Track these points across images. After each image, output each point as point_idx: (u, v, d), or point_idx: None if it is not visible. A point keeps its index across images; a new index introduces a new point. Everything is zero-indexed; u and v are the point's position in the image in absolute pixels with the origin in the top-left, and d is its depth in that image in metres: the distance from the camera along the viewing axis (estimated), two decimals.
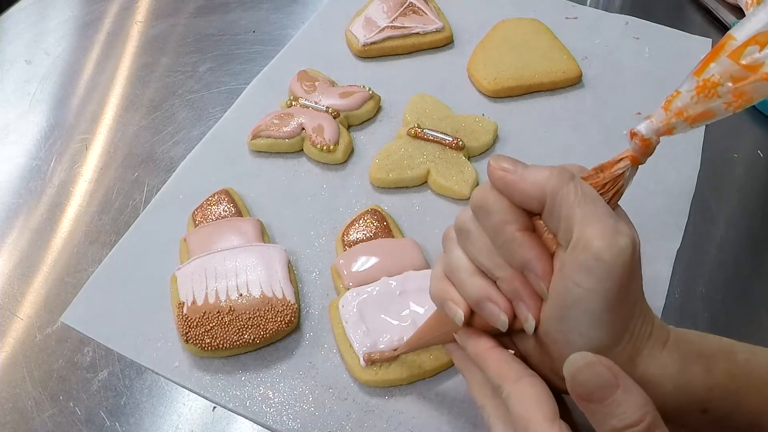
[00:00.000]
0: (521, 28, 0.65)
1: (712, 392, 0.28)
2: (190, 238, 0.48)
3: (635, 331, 0.28)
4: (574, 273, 0.26)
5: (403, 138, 0.55)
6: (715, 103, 0.25)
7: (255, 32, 0.69)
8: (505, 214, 0.28)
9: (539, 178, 0.28)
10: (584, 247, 0.26)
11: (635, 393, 0.24)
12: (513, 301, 0.29)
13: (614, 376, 0.24)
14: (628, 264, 0.26)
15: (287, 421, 0.41)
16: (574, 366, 0.25)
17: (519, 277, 0.29)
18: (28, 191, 0.55)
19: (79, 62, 0.66)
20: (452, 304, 0.31)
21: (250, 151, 0.56)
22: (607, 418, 0.24)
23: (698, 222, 0.51)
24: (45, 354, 0.44)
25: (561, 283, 0.27)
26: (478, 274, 0.30)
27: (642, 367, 0.28)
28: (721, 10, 0.69)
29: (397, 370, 0.41)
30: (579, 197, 0.27)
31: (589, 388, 0.24)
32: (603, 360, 0.25)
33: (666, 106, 0.27)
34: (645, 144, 0.27)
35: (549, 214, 0.28)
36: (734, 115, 0.26)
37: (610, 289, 0.26)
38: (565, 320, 0.27)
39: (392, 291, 0.44)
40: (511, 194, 0.28)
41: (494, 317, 0.29)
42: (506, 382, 0.29)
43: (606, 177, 0.28)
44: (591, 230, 0.26)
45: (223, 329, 0.43)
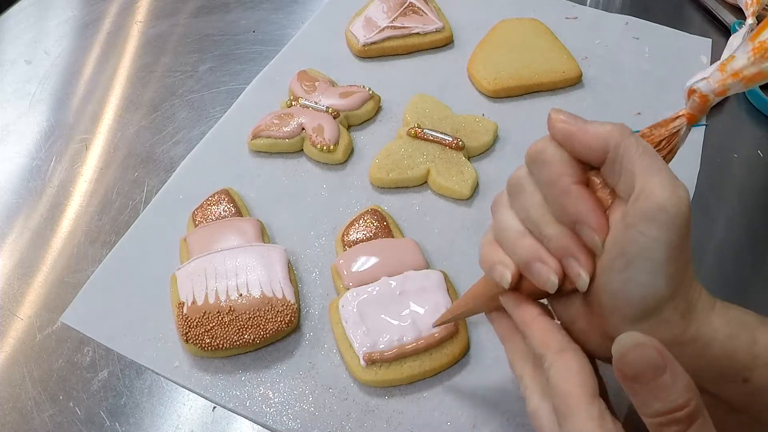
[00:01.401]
0: (521, 28, 0.65)
1: (757, 361, 0.28)
2: (190, 238, 0.48)
3: (688, 289, 0.28)
4: (639, 222, 0.26)
5: (403, 138, 0.55)
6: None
7: (255, 32, 0.69)
8: (562, 165, 0.29)
9: (601, 130, 0.28)
10: (648, 196, 0.26)
11: (682, 378, 0.24)
12: (563, 260, 0.29)
13: (663, 359, 0.24)
14: (687, 215, 0.26)
15: (287, 421, 0.41)
16: (623, 345, 0.25)
17: (570, 234, 0.29)
18: (28, 191, 0.55)
19: (79, 62, 0.66)
20: (500, 266, 0.31)
21: (250, 151, 0.56)
22: (652, 401, 0.24)
23: (698, 222, 0.51)
24: (45, 354, 0.44)
25: (623, 232, 0.27)
26: (528, 235, 0.30)
27: (694, 326, 0.28)
28: (721, 10, 0.69)
29: (397, 370, 0.41)
30: (640, 150, 0.27)
31: (637, 368, 0.24)
32: (653, 341, 0.25)
33: (722, 68, 0.28)
34: (703, 101, 0.28)
35: (610, 166, 0.28)
36: (734, 115, 0.26)
37: (672, 239, 0.26)
38: (626, 270, 0.27)
39: (392, 291, 0.44)
40: (572, 145, 0.29)
41: (543, 278, 0.29)
42: (549, 352, 0.29)
43: (663, 134, 0.29)
44: (654, 181, 0.26)
45: (223, 329, 0.43)
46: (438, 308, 0.43)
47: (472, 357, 0.43)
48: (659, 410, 0.24)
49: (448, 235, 0.50)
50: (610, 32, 0.67)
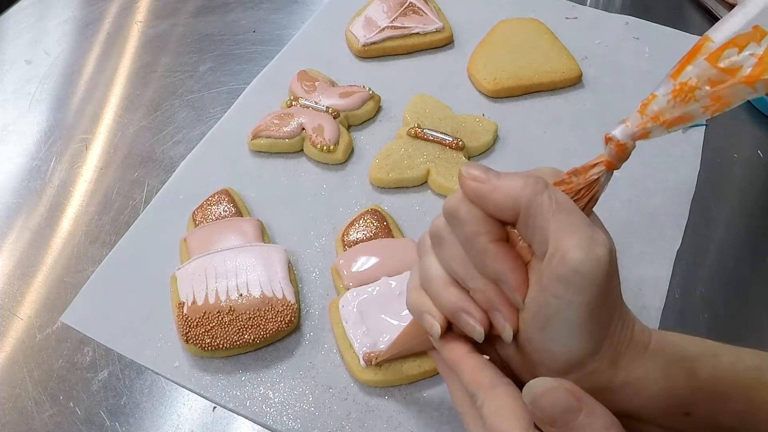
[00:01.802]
0: (521, 28, 0.65)
1: (696, 395, 0.27)
2: (190, 238, 0.48)
3: (615, 336, 0.27)
4: (552, 285, 0.25)
5: (403, 138, 0.55)
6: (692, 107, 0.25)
7: (255, 32, 0.69)
8: (477, 224, 0.28)
9: (512, 189, 0.26)
10: (561, 259, 0.25)
11: (600, 415, 0.24)
12: (489, 312, 0.29)
13: (577, 400, 0.24)
14: (605, 273, 0.25)
15: (287, 421, 0.41)
16: (534, 392, 0.24)
17: (493, 288, 0.28)
18: (28, 191, 0.55)
19: (79, 62, 0.66)
20: (428, 317, 0.30)
21: (250, 151, 0.56)
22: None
23: (698, 222, 0.51)
24: (45, 354, 0.44)
25: (539, 294, 0.26)
26: (453, 284, 0.30)
27: (624, 372, 0.27)
28: (721, 10, 0.69)
29: (397, 370, 0.41)
30: (553, 207, 0.26)
31: (552, 413, 0.24)
32: (564, 383, 0.24)
33: (642, 110, 0.26)
34: (620, 149, 0.26)
35: (523, 224, 0.27)
36: (734, 115, 0.25)
37: (589, 300, 0.25)
38: (545, 330, 0.27)
39: (392, 291, 0.44)
40: (484, 205, 0.28)
41: (470, 329, 0.29)
42: (480, 390, 0.28)
43: (580, 182, 0.27)
44: (567, 241, 0.25)
45: (223, 329, 0.43)
46: None
47: None
48: None
49: None
50: (610, 32, 0.67)
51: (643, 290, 0.47)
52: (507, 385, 0.28)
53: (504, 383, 0.28)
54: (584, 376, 0.27)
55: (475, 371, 0.29)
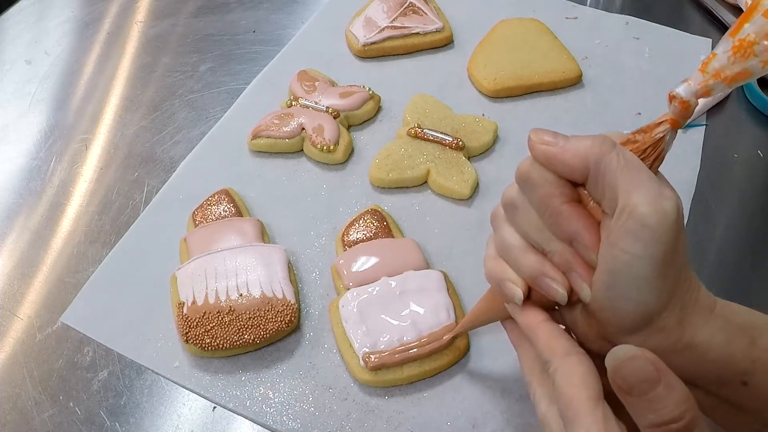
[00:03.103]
0: (521, 28, 0.65)
1: (756, 365, 0.27)
2: (190, 238, 0.48)
3: (683, 295, 0.28)
4: (621, 240, 0.26)
5: (403, 138, 0.55)
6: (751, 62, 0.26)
7: (255, 32, 0.69)
8: (549, 187, 0.29)
9: (581, 149, 0.28)
10: (630, 213, 0.26)
11: (677, 389, 0.24)
12: (566, 273, 0.29)
13: (657, 371, 0.24)
14: (673, 228, 0.26)
15: (287, 421, 0.41)
16: (617, 359, 0.25)
17: (569, 249, 0.29)
18: (28, 191, 0.55)
19: (79, 62, 0.66)
20: (510, 284, 0.31)
21: (250, 151, 0.56)
22: (647, 413, 0.24)
23: (698, 222, 0.52)
24: (45, 354, 0.44)
25: (608, 250, 0.27)
26: (531, 250, 0.30)
27: (690, 332, 0.28)
28: (721, 10, 0.69)
29: (397, 370, 0.41)
30: (621, 164, 0.27)
31: (631, 382, 0.24)
32: (647, 354, 0.25)
33: (703, 68, 0.27)
34: (684, 106, 0.28)
35: (593, 183, 0.28)
36: (734, 115, 0.26)
37: (657, 254, 0.26)
38: (614, 287, 0.27)
39: (392, 291, 0.44)
40: (554, 167, 0.28)
41: (552, 292, 0.30)
42: (555, 357, 0.29)
43: (646, 141, 0.29)
44: (635, 196, 0.26)
45: (223, 329, 0.43)
46: (438, 308, 0.43)
47: (472, 357, 0.43)
48: (654, 422, 0.24)
49: (448, 235, 0.50)
50: (610, 32, 0.67)
51: None
52: (580, 354, 0.29)
53: (578, 352, 0.29)
54: (652, 335, 0.28)
55: (551, 338, 0.30)
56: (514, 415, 0.41)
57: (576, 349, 0.29)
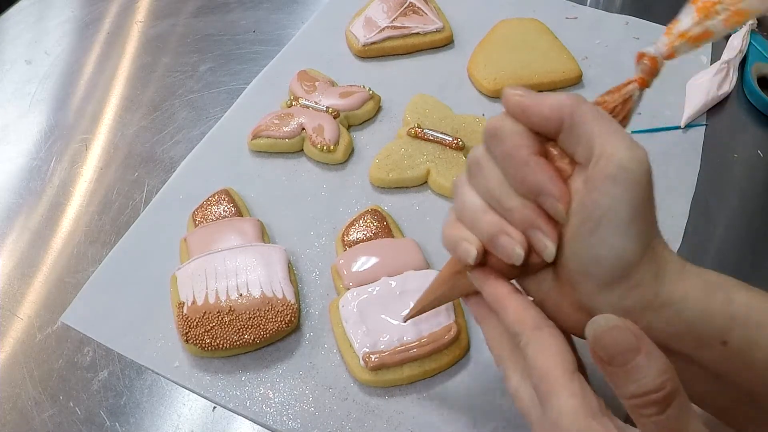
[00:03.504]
0: (521, 28, 0.65)
1: (734, 321, 0.27)
2: (190, 238, 0.48)
3: (657, 249, 0.28)
4: (601, 184, 0.27)
5: (403, 138, 0.55)
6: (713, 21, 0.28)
7: (255, 32, 0.69)
8: (519, 137, 0.29)
9: (555, 100, 0.28)
10: (608, 158, 0.26)
11: (657, 359, 0.24)
12: (527, 232, 0.29)
13: (637, 340, 0.24)
14: (648, 173, 0.27)
15: (287, 421, 0.41)
16: (597, 328, 0.25)
17: (531, 205, 0.29)
18: (28, 191, 0.55)
19: (79, 62, 0.66)
20: (464, 242, 0.30)
21: (250, 151, 0.56)
22: (627, 383, 0.24)
23: (698, 222, 0.51)
24: (45, 354, 0.44)
25: (587, 196, 0.27)
26: (490, 210, 0.30)
27: (667, 288, 0.28)
28: None
29: (397, 370, 0.41)
30: (596, 114, 0.28)
31: (612, 351, 0.24)
32: (627, 323, 0.24)
33: (668, 32, 0.29)
34: (653, 63, 0.29)
35: (567, 134, 0.28)
36: (734, 115, 0.26)
37: (636, 197, 0.26)
38: (593, 234, 0.27)
39: (392, 291, 0.44)
40: (528, 118, 0.29)
41: (509, 251, 0.29)
42: (526, 329, 0.28)
43: (616, 99, 0.30)
44: (612, 143, 0.26)
45: (223, 329, 0.43)
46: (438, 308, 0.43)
47: (472, 357, 0.43)
48: (634, 392, 0.24)
49: None
50: (610, 32, 0.67)
51: None
52: (551, 327, 0.28)
53: (549, 324, 0.29)
54: (629, 291, 0.28)
55: (520, 311, 0.29)
56: (514, 415, 0.41)
57: (547, 322, 0.29)
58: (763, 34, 0.65)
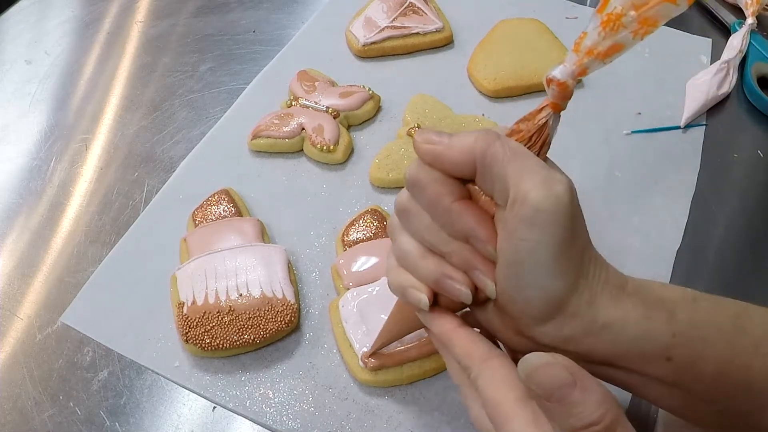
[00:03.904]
0: (521, 28, 0.65)
1: (677, 339, 0.27)
2: (190, 238, 0.48)
3: (589, 276, 0.28)
4: (517, 229, 0.26)
5: (403, 138, 0.55)
6: (621, 34, 0.26)
7: (255, 32, 0.69)
8: (438, 186, 0.28)
9: (465, 144, 0.28)
10: (522, 201, 0.26)
11: (594, 391, 0.24)
12: (468, 272, 0.29)
13: (571, 375, 0.24)
14: (568, 209, 0.26)
15: (287, 421, 0.41)
16: (529, 366, 0.25)
17: (467, 247, 0.29)
18: (28, 191, 0.55)
19: (79, 62, 0.66)
20: (413, 290, 0.30)
21: (250, 151, 0.56)
22: (566, 417, 0.24)
23: (698, 222, 0.51)
24: (45, 354, 0.44)
25: (507, 241, 0.27)
26: (429, 254, 0.30)
27: (604, 313, 0.27)
28: (721, 10, 0.69)
29: (397, 370, 0.41)
30: (507, 154, 0.27)
31: (547, 388, 0.24)
32: (559, 358, 0.24)
33: (576, 48, 0.28)
34: (562, 88, 0.28)
35: (482, 177, 0.28)
36: (734, 115, 0.26)
37: (555, 238, 0.26)
38: (519, 277, 0.27)
39: None
40: (442, 164, 0.28)
41: (456, 292, 0.29)
42: (474, 362, 0.28)
43: (530, 128, 0.28)
44: (525, 184, 0.26)
45: (223, 329, 0.43)
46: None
47: None
48: (574, 425, 0.24)
49: None
50: None
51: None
52: (500, 356, 0.28)
53: (497, 354, 0.28)
54: (566, 321, 0.27)
55: (467, 344, 0.29)
56: None
57: (495, 352, 0.29)
58: (763, 34, 0.65)
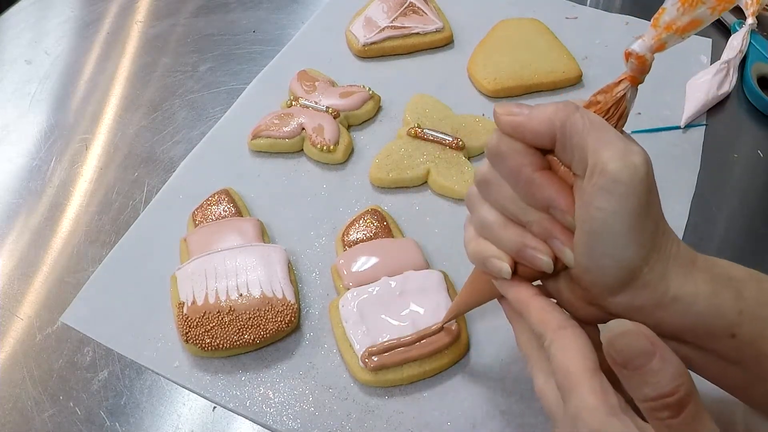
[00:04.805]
0: (521, 28, 0.65)
1: (742, 316, 0.28)
2: (190, 238, 0.48)
3: (662, 249, 0.28)
4: (595, 198, 0.27)
5: (403, 138, 0.55)
6: (699, 10, 0.27)
7: (255, 32, 0.69)
8: (519, 157, 0.29)
9: (546, 114, 0.28)
10: (601, 171, 0.26)
11: (672, 363, 0.24)
12: (548, 241, 0.30)
13: (652, 345, 0.24)
14: (644, 181, 0.26)
15: (287, 421, 0.41)
16: (611, 332, 0.25)
17: (547, 217, 0.29)
18: (28, 191, 0.55)
19: (79, 62, 0.66)
20: (495, 260, 0.31)
21: (250, 151, 0.56)
22: (642, 386, 0.24)
23: (698, 222, 0.51)
24: (45, 354, 0.44)
25: (584, 210, 0.27)
26: (510, 223, 0.31)
27: (675, 286, 0.28)
28: None
29: (397, 370, 0.41)
30: (587, 125, 0.27)
31: (626, 355, 0.24)
32: (642, 328, 0.25)
33: (654, 24, 0.28)
34: (641, 61, 0.29)
35: (561, 147, 0.28)
36: (734, 115, 0.26)
37: (631, 208, 0.26)
38: (594, 246, 0.28)
39: (392, 291, 0.44)
40: (523, 135, 0.29)
41: (538, 261, 0.30)
42: (548, 330, 0.29)
43: (609, 101, 0.29)
44: (604, 154, 0.26)
45: (223, 329, 0.43)
46: (438, 308, 0.43)
47: (472, 357, 0.43)
48: (649, 395, 0.24)
49: (448, 235, 0.50)
50: (610, 32, 0.67)
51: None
52: (574, 327, 0.29)
53: (571, 325, 0.29)
54: (637, 292, 0.28)
55: (543, 312, 0.30)
56: (514, 415, 0.41)
57: (569, 322, 0.29)
58: (763, 34, 0.65)
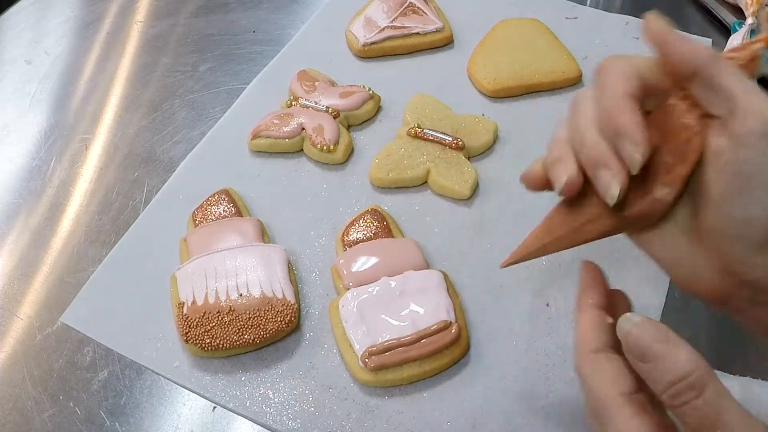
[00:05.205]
0: (521, 28, 0.65)
1: None
2: (190, 238, 0.48)
3: None
4: (750, 140, 0.26)
5: (403, 138, 0.55)
6: None
7: (255, 32, 0.69)
8: (623, 75, 0.28)
9: (694, 46, 0.27)
10: (755, 115, 0.26)
11: (684, 345, 0.25)
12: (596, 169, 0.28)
13: (660, 330, 0.26)
14: None
15: (287, 421, 0.41)
16: (623, 328, 0.26)
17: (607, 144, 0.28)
18: (28, 191, 0.55)
19: (79, 62, 0.66)
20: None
21: (250, 151, 0.56)
22: (662, 374, 0.25)
23: None
24: (45, 354, 0.44)
25: (735, 153, 0.27)
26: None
27: None
28: (721, 10, 0.69)
29: (397, 370, 0.41)
30: (734, 70, 0.27)
31: (642, 345, 0.26)
32: (650, 320, 0.26)
33: None
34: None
35: (702, 84, 0.27)
36: None
37: None
38: (746, 192, 0.27)
39: (392, 291, 0.44)
40: (668, 51, 0.28)
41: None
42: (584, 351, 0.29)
43: (741, 57, 0.29)
44: (757, 100, 0.26)
45: (223, 329, 0.43)
46: (438, 308, 0.43)
47: (472, 357, 0.43)
48: (671, 380, 0.25)
49: (448, 235, 0.50)
50: (610, 32, 0.67)
51: (643, 290, 0.47)
52: (610, 351, 0.29)
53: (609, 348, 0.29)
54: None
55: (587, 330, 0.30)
56: (514, 415, 0.41)
57: (607, 344, 0.29)
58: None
